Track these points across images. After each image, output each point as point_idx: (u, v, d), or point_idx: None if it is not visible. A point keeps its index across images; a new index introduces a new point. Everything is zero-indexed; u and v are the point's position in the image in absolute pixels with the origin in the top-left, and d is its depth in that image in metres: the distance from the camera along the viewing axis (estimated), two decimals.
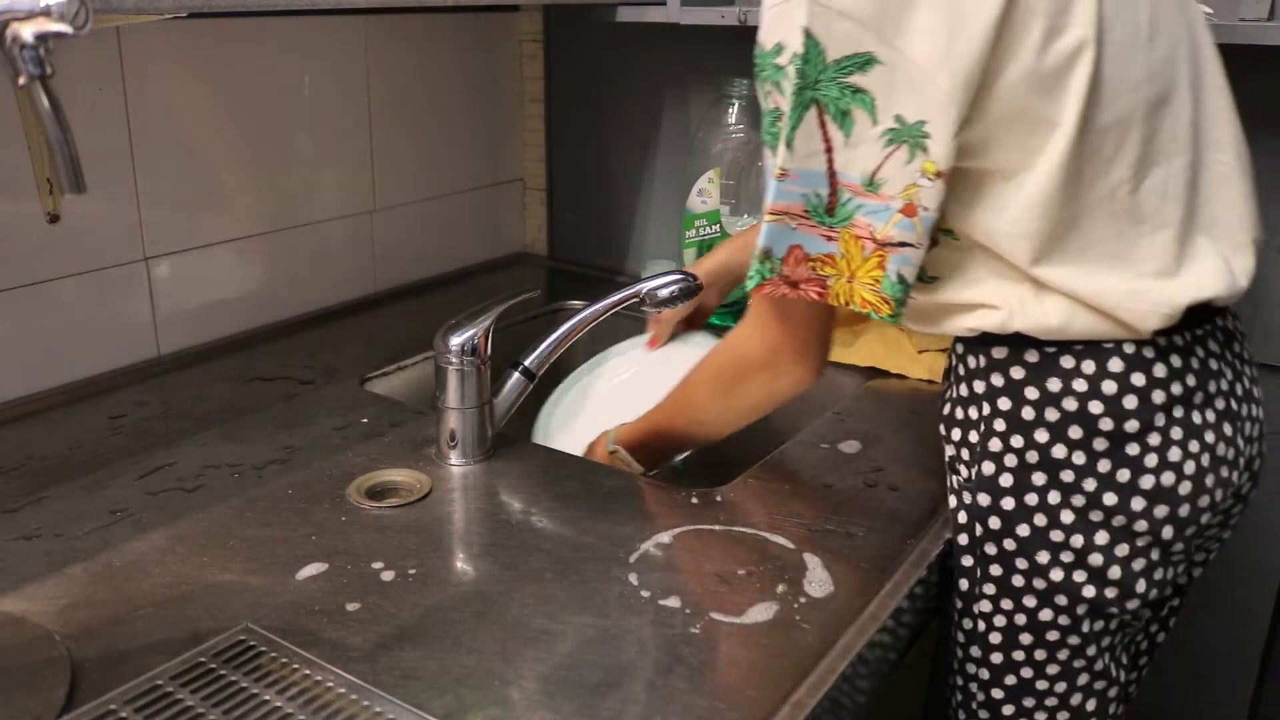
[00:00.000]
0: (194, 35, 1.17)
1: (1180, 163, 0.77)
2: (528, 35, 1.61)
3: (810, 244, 0.75)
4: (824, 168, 0.73)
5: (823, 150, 0.72)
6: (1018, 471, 0.80)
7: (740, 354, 0.90)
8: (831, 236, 0.75)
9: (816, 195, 0.74)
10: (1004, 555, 0.82)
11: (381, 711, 0.64)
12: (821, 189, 0.74)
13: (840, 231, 0.74)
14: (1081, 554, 0.79)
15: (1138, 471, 0.77)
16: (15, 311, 1.07)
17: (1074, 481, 0.78)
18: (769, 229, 0.76)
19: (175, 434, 1.02)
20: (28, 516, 0.86)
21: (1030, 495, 0.80)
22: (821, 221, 0.74)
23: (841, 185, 0.73)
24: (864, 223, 0.73)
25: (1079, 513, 0.78)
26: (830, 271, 0.76)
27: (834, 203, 0.74)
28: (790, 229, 0.75)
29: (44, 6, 0.58)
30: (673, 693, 0.67)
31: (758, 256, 0.77)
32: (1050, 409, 0.78)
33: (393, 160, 1.45)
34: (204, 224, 1.23)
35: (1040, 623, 0.82)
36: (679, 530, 0.86)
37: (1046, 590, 0.81)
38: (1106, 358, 0.77)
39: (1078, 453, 0.77)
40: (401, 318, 1.40)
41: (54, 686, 0.65)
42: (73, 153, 0.61)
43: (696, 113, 1.48)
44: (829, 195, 0.74)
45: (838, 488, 0.95)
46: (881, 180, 0.72)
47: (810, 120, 0.72)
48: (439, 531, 0.86)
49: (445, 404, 0.96)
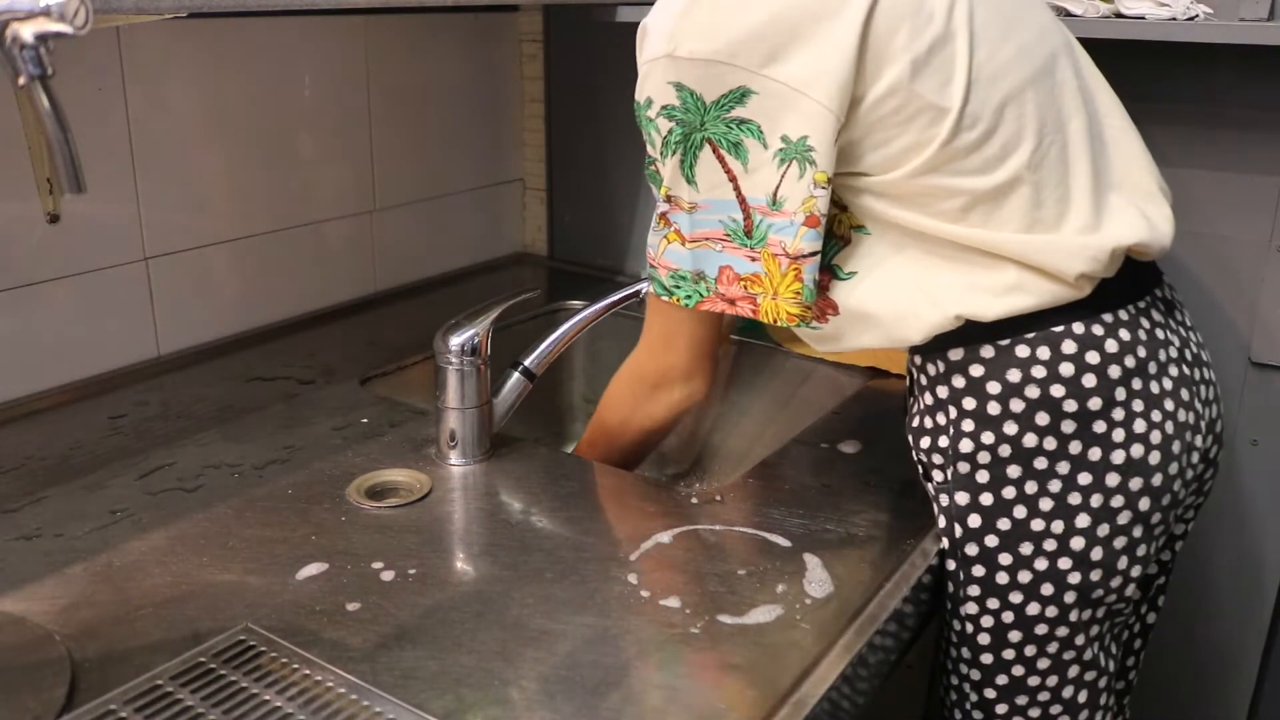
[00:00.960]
0: (194, 35, 1.17)
1: (1077, 124, 0.80)
2: (528, 35, 1.61)
3: (738, 265, 0.80)
4: (733, 195, 0.79)
5: (727, 180, 0.78)
6: (992, 467, 0.81)
7: (639, 375, 0.97)
8: (755, 257, 0.79)
9: (733, 220, 0.79)
10: (986, 553, 0.82)
11: (381, 711, 0.64)
12: (735, 214, 0.79)
13: (760, 251, 0.79)
14: (1064, 539, 0.80)
15: (1108, 448, 0.78)
16: (15, 311, 1.07)
17: (1048, 468, 0.79)
18: (694, 254, 0.82)
19: (175, 434, 1.02)
20: (28, 516, 0.86)
21: (1007, 488, 0.80)
22: (743, 244, 0.80)
23: (752, 209, 0.78)
24: (776, 240, 0.78)
25: (1056, 498, 0.79)
26: (759, 289, 0.80)
27: (749, 225, 0.79)
28: (716, 251, 0.81)
29: (44, 6, 0.58)
30: (673, 693, 0.67)
31: (689, 279, 0.83)
32: (1014, 400, 0.79)
33: (393, 160, 1.45)
34: (204, 224, 1.23)
35: (1028, 617, 0.82)
36: (679, 530, 0.86)
37: (1032, 582, 0.81)
38: (1059, 341, 0.79)
39: (1048, 438, 0.79)
40: (401, 318, 1.40)
41: (54, 686, 0.65)
42: (73, 153, 0.61)
43: None
44: (744, 219, 0.79)
45: (838, 488, 0.95)
46: (783, 198, 0.77)
47: (707, 157, 0.78)
48: (439, 531, 0.86)
49: (445, 404, 0.96)
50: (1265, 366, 1.18)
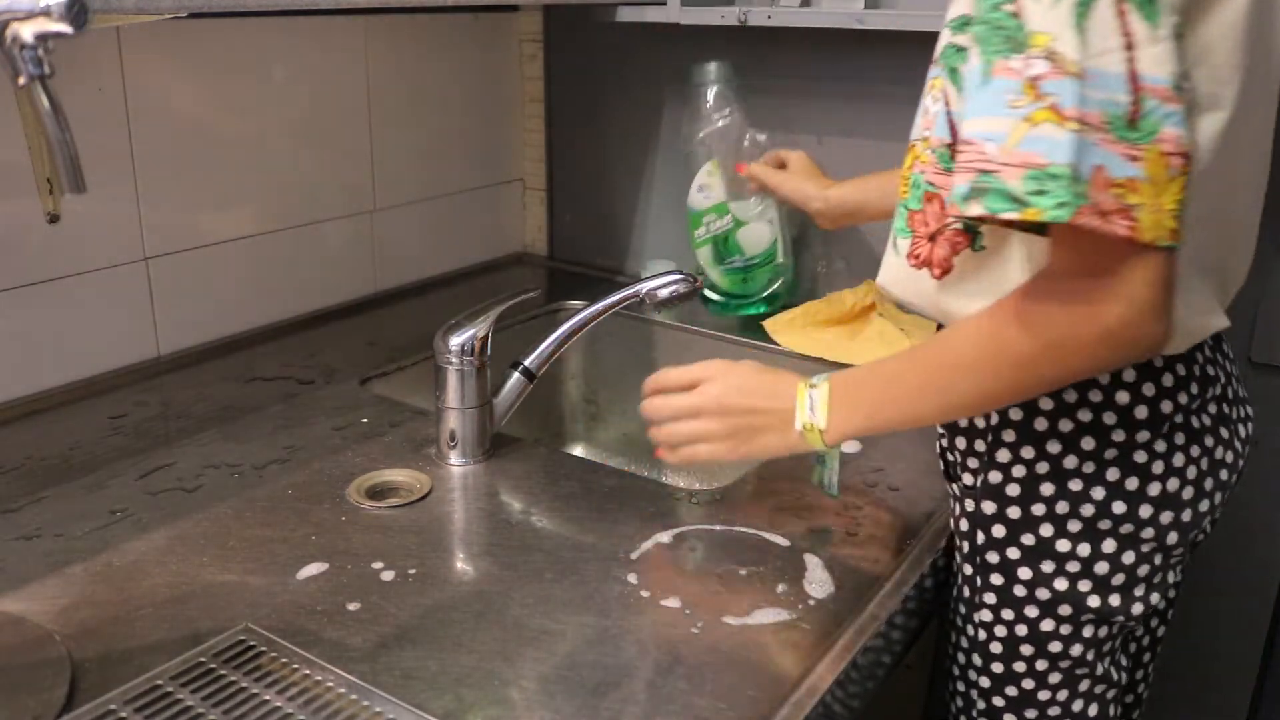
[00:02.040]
0: (194, 35, 1.17)
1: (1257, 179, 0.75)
2: (528, 35, 1.61)
3: (1113, 164, 0.60)
4: (1123, 68, 0.60)
5: (1121, 47, 0.59)
6: (1026, 481, 0.79)
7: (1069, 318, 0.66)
8: (1136, 155, 0.60)
9: (1115, 103, 0.60)
10: (1006, 564, 0.81)
11: (381, 711, 0.64)
12: (1120, 95, 0.60)
13: (1144, 149, 0.60)
14: (1087, 563, 0.78)
15: (1146, 479, 0.76)
16: (15, 311, 1.07)
17: (1082, 490, 0.77)
18: (1074, 141, 0.59)
19: (175, 434, 1.02)
20: (28, 516, 0.86)
21: (1037, 505, 0.78)
22: (1122, 136, 0.60)
23: (1146, 89, 0.60)
24: (1171, 135, 0.60)
25: (1086, 522, 0.77)
26: (1136, 200, 0.61)
27: (1136, 111, 0.60)
28: (1092, 143, 0.60)
29: (44, 6, 0.58)
30: (673, 693, 0.67)
31: (1066, 177, 0.60)
32: (1065, 420, 0.76)
33: (393, 160, 1.45)
34: (204, 224, 1.23)
35: (1042, 633, 0.81)
36: (679, 530, 0.86)
37: (1050, 600, 0.80)
38: (1122, 368, 0.75)
39: (1088, 463, 0.76)
40: (401, 318, 1.40)
41: (54, 686, 0.65)
42: (73, 153, 0.61)
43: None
44: (1130, 104, 0.60)
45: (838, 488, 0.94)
46: (1181, 81, 0.61)
47: (1104, 8, 0.59)
48: (439, 531, 0.86)
49: (445, 404, 0.96)
50: (1265, 366, 1.18)
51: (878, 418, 0.78)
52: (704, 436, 0.84)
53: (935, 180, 0.76)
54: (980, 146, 0.62)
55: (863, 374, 0.80)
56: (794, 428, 0.80)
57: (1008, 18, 0.61)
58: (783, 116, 1.40)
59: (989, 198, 0.62)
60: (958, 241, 0.76)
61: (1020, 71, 0.60)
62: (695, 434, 0.85)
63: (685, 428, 0.85)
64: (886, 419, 0.78)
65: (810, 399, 0.80)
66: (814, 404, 0.80)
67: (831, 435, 0.79)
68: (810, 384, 0.81)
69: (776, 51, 1.38)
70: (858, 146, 1.36)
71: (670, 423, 0.86)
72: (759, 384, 0.84)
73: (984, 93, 0.62)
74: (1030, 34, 0.60)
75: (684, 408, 0.85)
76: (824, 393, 0.79)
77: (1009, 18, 0.61)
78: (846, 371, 0.81)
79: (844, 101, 1.35)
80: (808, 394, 0.80)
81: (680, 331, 1.38)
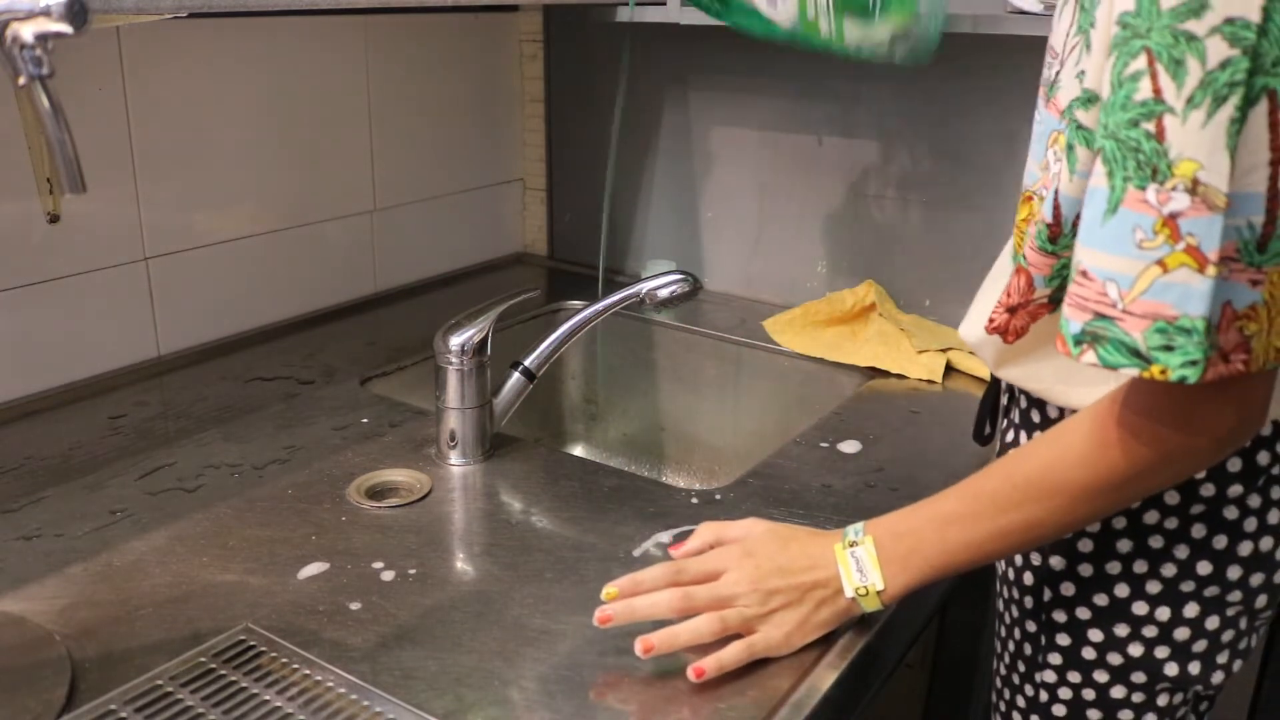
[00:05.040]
0: (194, 35, 1.17)
1: None
2: (528, 35, 1.61)
3: (1238, 296, 0.53)
4: (1264, 187, 0.52)
5: (1268, 163, 0.51)
6: (1100, 537, 0.72)
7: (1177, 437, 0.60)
8: (1258, 281, 0.53)
9: (1250, 227, 0.52)
10: (1075, 624, 0.74)
11: (381, 711, 0.64)
12: (1256, 217, 0.52)
13: (1269, 272, 0.53)
14: (1167, 628, 0.71)
15: (1236, 537, 0.69)
16: (15, 311, 1.07)
17: (1164, 548, 0.70)
18: (1213, 289, 0.52)
19: (175, 434, 1.02)
20: (28, 516, 0.86)
21: (1113, 563, 0.72)
22: (1251, 263, 0.53)
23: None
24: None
25: (1167, 583, 0.70)
26: (1254, 329, 0.54)
27: (1269, 234, 0.52)
28: (1225, 282, 0.53)
29: (44, 6, 0.58)
30: (673, 693, 0.67)
31: (1200, 332, 0.52)
32: None
33: (393, 160, 1.45)
34: (204, 224, 1.23)
35: (1112, 700, 0.75)
36: (679, 530, 0.86)
37: (1123, 666, 0.73)
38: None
39: (1171, 518, 0.69)
40: (401, 318, 1.40)
41: (54, 686, 0.65)
42: (73, 153, 0.61)
43: (697, 113, 1.48)
44: (1264, 225, 0.52)
45: (838, 488, 0.95)
46: None
47: (1258, 119, 0.51)
48: (439, 531, 0.86)
49: (445, 404, 0.96)
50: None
51: (936, 566, 0.68)
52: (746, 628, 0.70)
53: (1030, 256, 0.68)
54: (1101, 286, 0.54)
55: (911, 519, 0.70)
56: (844, 595, 0.70)
57: (1146, 139, 0.52)
58: (782, 117, 1.40)
59: (1104, 347, 0.55)
60: (1038, 313, 0.70)
61: (1156, 207, 0.52)
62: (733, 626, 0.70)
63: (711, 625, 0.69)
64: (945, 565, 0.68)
65: (854, 560, 0.70)
66: (861, 564, 0.70)
67: (890, 595, 0.69)
68: (849, 542, 0.70)
69: (776, 51, 1.38)
70: (858, 147, 1.36)
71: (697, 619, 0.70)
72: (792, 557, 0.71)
73: (1110, 224, 0.54)
74: (1173, 163, 0.51)
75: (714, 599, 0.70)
76: (869, 550, 0.70)
77: (1147, 139, 0.52)
78: (888, 519, 0.71)
79: (843, 102, 1.35)
80: (849, 555, 0.70)
81: (680, 331, 1.38)
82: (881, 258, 1.38)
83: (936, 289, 1.35)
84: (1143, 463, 0.60)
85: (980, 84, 1.25)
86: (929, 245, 1.34)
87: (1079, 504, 0.63)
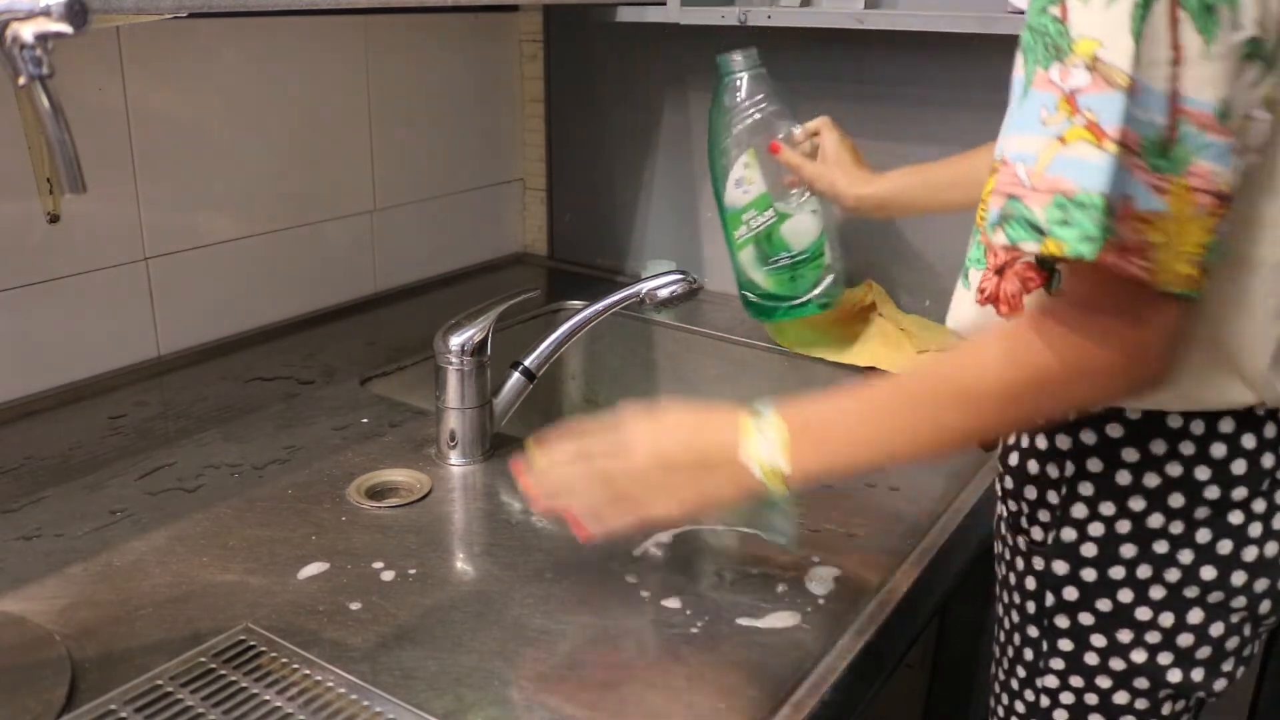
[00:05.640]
0: (194, 35, 1.17)
1: None
2: (528, 35, 1.61)
3: (1140, 195, 0.54)
4: (1164, 86, 0.53)
5: (1167, 61, 0.52)
6: (1104, 541, 0.71)
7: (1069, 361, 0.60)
8: (1162, 188, 0.54)
9: (1153, 125, 0.53)
10: (1078, 630, 0.74)
11: (381, 711, 0.64)
12: (1159, 116, 0.53)
13: (1173, 181, 0.54)
14: (1170, 634, 0.71)
15: (1241, 542, 0.69)
16: (15, 311, 1.07)
17: (1168, 553, 0.69)
18: (1112, 166, 0.53)
19: (175, 434, 1.02)
20: (28, 516, 0.86)
21: (1116, 568, 0.71)
22: (1154, 166, 0.54)
23: (1184, 114, 0.53)
24: (1206, 170, 0.54)
25: (1171, 589, 0.70)
26: (1156, 238, 0.54)
27: (1171, 139, 0.53)
28: (1128, 170, 0.53)
29: (44, 6, 0.58)
30: (673, 693, 0.67)
31: (1096, 207, 0.53)
32: (1150, 474, 0.68)
33: (393, 160, 1.45)
34: (204, 224, 1.23)
35: (1114, 705, 0.74)
36: (679, 530, 0.86)
37: (1125, 672, 0.73)
38: (1217, 418, 0.67)
39: (1175, 522, 0.68)
40: (401, 318, 1.40)
41: (54, 686, 0.65)
42: (73, 153, 0.61)
43: (697, 113, 1.48)
44: (1166, 128, 0.53)
45: (838, 488, 0.94)
46: (1231, 109, 0.54)
47: (1159, 14, 0.52)
48: (439, 531, 0.86)
49: (445, 404, 0.96)
50: None
51: (844, 457, 0.67)
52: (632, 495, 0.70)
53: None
54: (1014, 168, 0.56)
55: (825, 408, 0.68)
56: (747, 471, 0.67)
57: (1052, 22, 0.54)
58: None
59: (1011, 225, 0.55)
60: (1029, 278, 0.65)
61: (1059, 85, 0.54)
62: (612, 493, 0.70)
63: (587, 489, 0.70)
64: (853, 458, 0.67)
65: (762, 439, 0.66)
66: (768, 444, 0.66)
67: (794, 479, 0.66)
68: (757, 420, 0.67)
69: (776, 51, 1.38)
70: (858, 146, 1.36)
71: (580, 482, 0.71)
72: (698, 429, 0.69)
73: (1023, 107, 0.56)
74: (1074, 40, 0.53)
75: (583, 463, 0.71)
76: (778, 429, 0.66)
77: (1054, 22, 0.54)
78: (800, 404, 0.68)
79: (844, 102, 1.35)
80: (758, 434, 0.67)
81: (680, 331, 1.38)
82: (882, 258, 1.38)
83: (937, 290, 1.35)
84: (1049, 369, 0.60)
85: (980, 84, 1.25)
86: (930, 246, 1.34)
87: (987, 408, 0.63)
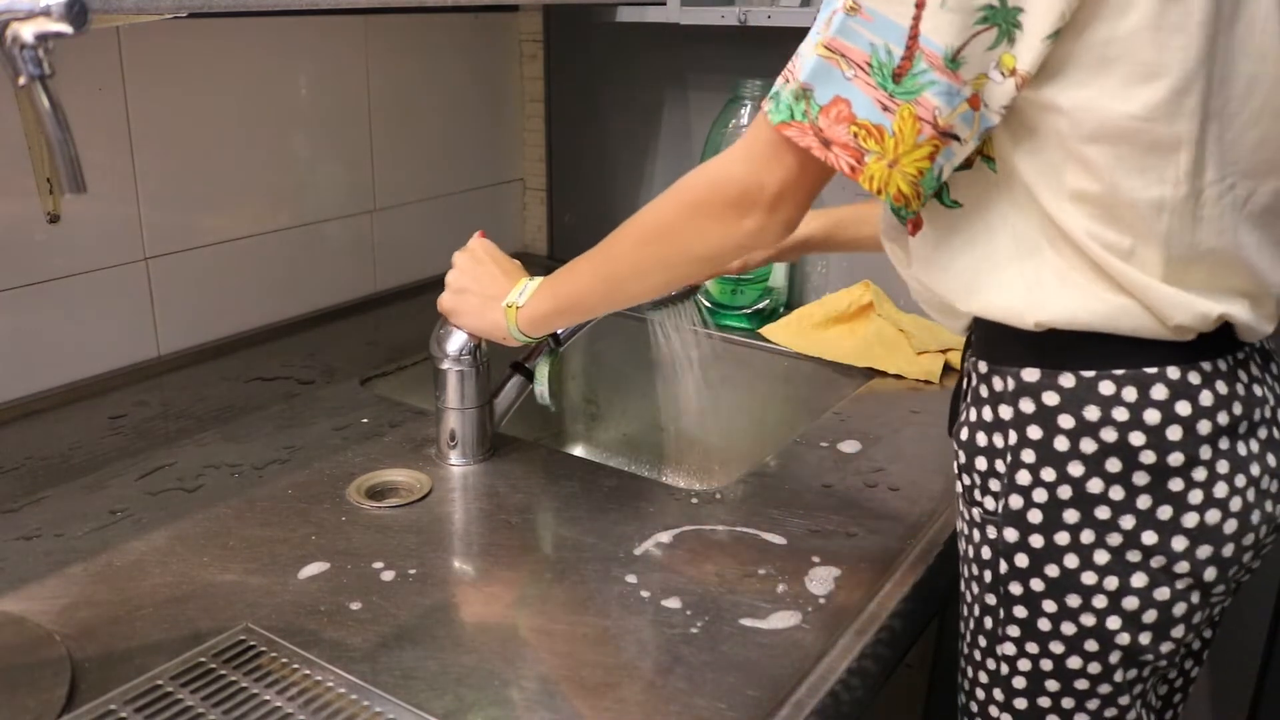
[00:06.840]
0: (194, 35, 1.17)
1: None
2: (528, 35, 1.61)
3: (861, 105, 0.65)
4: (906, 23, 0.63)
5: (913, 3, 0.63)
6: (1048, 507, 0.73)
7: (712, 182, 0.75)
8: (889, 107, 0.64)
9: (887, 51, 0.63)
10: (1030, 596, 0.75)
11: (381, 711, 0.64)
12: (896, 47, 0.63)
13: (900, 105, 0.64)
14: (1116, 597, 0.72)
15: (1181, 509, 0.70)
16: (15, 311, 1.07)
17: (1110, 519, 0.71)
18: (816, 64, 0.65)
19: (175, 434, 1.02)
20: (28, 516, 0.86)
21: (1061, 534, 0.73)
22: (883, 85, 0.64)
23: (920, 51, 0.63)
24: (930, 103, 0.64)
25: (1115, 553, 0.72)
26: (873, 147, 0.65)
27: (904, 69, 0.63)
28: (843, 75, 0.65)
29: (44, 6, 0.58)
30: (673, 693, 0.67)
31: (791, 91, 0.66)
32: (1086, 439, 0.71)
33: (393, 160, 1.45)
34: (204, 224, 1.23)
35: (1068, 670, 0.75)
36: (679, 530, 0.86)
37: (1076, 635, 0.74)
38: (1150, 384, 0.69)
39: (1115, 487, 0.71)
40: (401, 318, 1.40)
41: (54, 686, 0.65)
42: (73, 153, 0.61)
43: (697, 113, 1.48)
44: (901, 58, 0.63)
45: (838, 488, 0.95)
46: (962, 60, 0.63)
47: None
48: (439, 531, 0.86)
49: (445, 404, 0.96)
50: None
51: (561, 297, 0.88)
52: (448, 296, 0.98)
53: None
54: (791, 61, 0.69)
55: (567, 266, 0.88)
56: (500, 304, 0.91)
57: None
58: None
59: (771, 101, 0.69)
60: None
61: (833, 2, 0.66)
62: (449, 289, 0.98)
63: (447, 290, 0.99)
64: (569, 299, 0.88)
65: (525, 286, 0.91)
66: (525, 289, 0.91)
67: (524, 314, 0.90)
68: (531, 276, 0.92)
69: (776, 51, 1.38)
70: None
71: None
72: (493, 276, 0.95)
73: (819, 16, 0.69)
74: None
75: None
76: (534, 282, 0.91)
77: None
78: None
79: None
80: (526, 281, 0.92)
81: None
82: (882, 258, 1.38)
83: None
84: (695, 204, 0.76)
85: None
86: None
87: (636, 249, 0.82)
